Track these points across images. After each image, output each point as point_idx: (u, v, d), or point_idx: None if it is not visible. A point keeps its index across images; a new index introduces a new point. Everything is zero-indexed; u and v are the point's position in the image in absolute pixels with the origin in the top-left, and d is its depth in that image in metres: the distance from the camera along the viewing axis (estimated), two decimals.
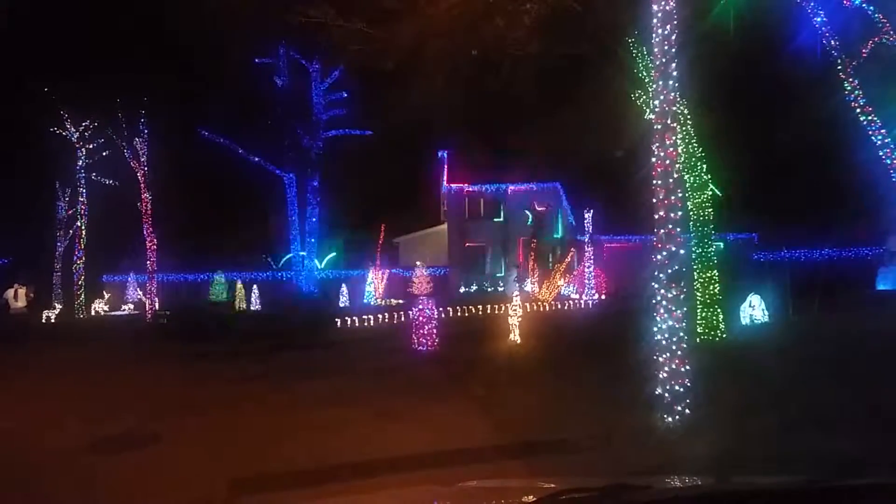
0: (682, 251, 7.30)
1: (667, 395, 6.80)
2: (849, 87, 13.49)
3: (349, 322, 19.41)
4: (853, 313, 16.94)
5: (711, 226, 13.71)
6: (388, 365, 12.03)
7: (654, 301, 7.08)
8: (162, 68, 25.01)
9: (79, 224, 26.46)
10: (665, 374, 6.85)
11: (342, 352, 14.56)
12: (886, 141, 13.36)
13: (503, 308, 17.86)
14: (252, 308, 28.21)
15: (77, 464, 6.47)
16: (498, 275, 32.27)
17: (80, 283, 26.05)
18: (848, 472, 4.26)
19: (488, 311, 21.54)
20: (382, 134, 31.12)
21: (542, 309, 22.91)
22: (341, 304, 27.71)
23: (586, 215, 27.12)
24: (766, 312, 15.86)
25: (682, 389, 6.77)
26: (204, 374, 11.80)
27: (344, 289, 28.83)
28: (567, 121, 25.28)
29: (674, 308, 6.91)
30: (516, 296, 15.00)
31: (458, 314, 21.25)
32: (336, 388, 9.91)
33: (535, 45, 13.74)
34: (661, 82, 7.21)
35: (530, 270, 28.97)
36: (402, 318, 19.53)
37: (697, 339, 12.11)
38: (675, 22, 7.14)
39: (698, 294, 13.16)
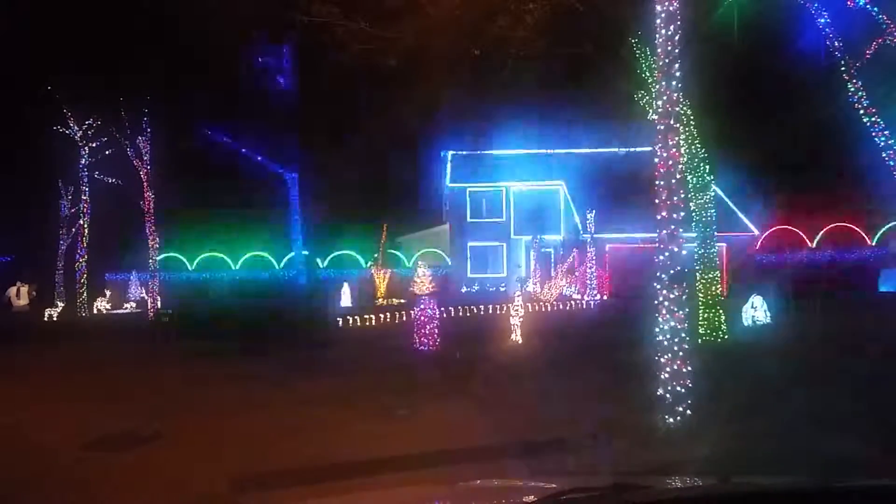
0: (684, 252, 7.29)
1: (668, 395, 6.79)
2: (852, 89, 13.45)
3: (350, 321, 19.42)
4: (855, 315, 16.93)
5: (714, 226, 13.70)
6: (390, 364, 12.03)
7: (656, 302, 7.08)
8: (164, 67, 25.01)
9: (81, 222, 26.47)
10: (666, 375, 6.84)
11: (343, 351, 14.56)
12: (890, 143, 13.32)
13: (505, 308, 17.85)
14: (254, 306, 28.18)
15: (78, 461, 6.48)
16: (500, 275, 32.27)
17: (82, 281, 26.06)
18: (848, 472, 4.25)
19: (490, 312, 21.53)
20: (385, 133, 31.12)
21: (543, 309, 22.89)
22: (343, 304, 27.68)
23: (588, 215, 27.10)
24: (768, 313, 15.85)
25: (683, 390, 6.77)
26: (205, 373, 11.81)
27: (346, 288, 28.80)
28: (569, 121, 25.30)
29: (676, 309, 6.91)
30: (518, 296, 15.00)
31: (460, 314, 21.24)
32: (337, 387, 9.91)
33: (538, 45, 13.72)
34: (664, 83, 7.21)
35: (532, 271, 28.95)
36: (404, 318, 19.53)
37: (699, 340, 12.10)
38: (679, 22, 7.14)
39: (700, 295, 13.15)
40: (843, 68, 13.49)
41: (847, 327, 14.81)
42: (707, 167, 13.65)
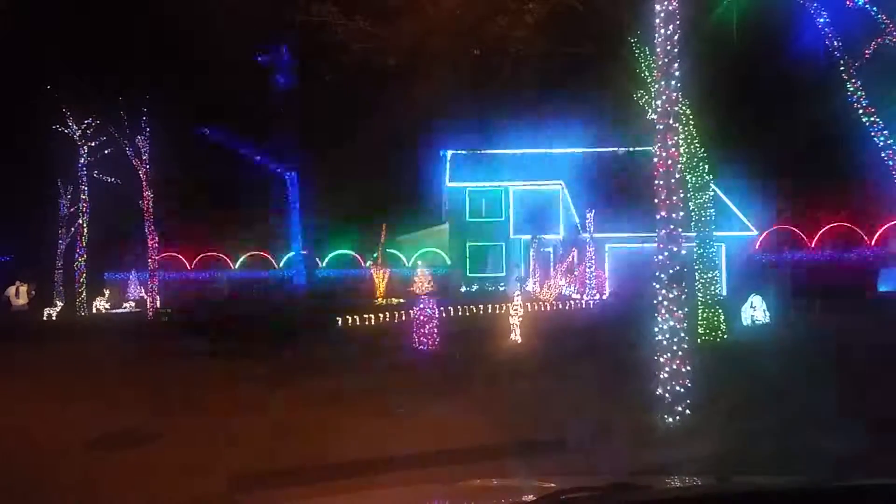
0: (683, 251, 7.30)
1: (667, 395, 6.80)
2: (851, 89, 13.46)
3: (350, 321, 19.42)
4: (854, 315, 16.94)
5: (713, 226, 13.71)
6: (389, 364, 12.03)
7: (655, 301, 7.08)
8: (163, 67, 24.99)
9: (80, 221, 26.44)
10: (666, 375, 6.85)
11: (343, 350, 14.55)
12: (889, 142, 13.32)
13: (504, 308, 17.85)
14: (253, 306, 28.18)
15: (78, 461, 6.48)
16: (499, 274, 32.28)
17: (81, 280, 26.03)
18: (848, 472, 4.26)
19: (489, 311, 21.53)
20: (384, 133, 31.11)
21: (542, 309, 22.90)
22: (342, 303, 27.68)
23: (588, 215, 27.10)
24: (767, 313, 15.86)
25: (682, 390, 6.77)
26: (205, 372, 11.81)
27: (344, 288, 28.84)
28: (569, 120, 25.28)
29: (675, 308, 6.92)
30: (517, 295, 15.01)
31: (459, 314, 21.25)
32: (336, 387, 9.90)
33: (538, 45, 13.72)
34: (663, 82, 7.21)
35: (531, 270, 28.97)
36: (404, 318, 19.54)
37: (698, 340, 12.11)
38: (678, 22, 7.15)
39: (699, 294, 13.15)
40: (842, 68, 13.50)
41: (846, 327, 14.81)
42: (706, 167, 13.65)
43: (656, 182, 7.19)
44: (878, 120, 13.37)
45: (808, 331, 14.38)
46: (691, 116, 13.19)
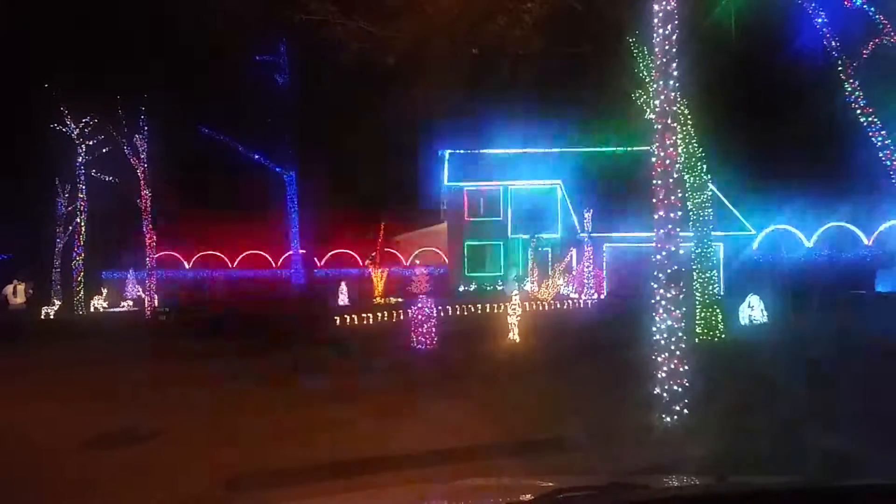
0: (681, 251, 7.30)
1: (665, 394, 6.80)
2: (849, 88, 13.48)
3: (348, 320, 19.41)
4: (852, 315, 16.96)
5: (711, 226, 13.72)
6: (387, 363, 12.02)
7: (653, 301, 7.09)
8: (162, 66, 24.97)
9: (78, 220, 26.38)
10: (664, 374, 6.85)
11: (341, 350, 14.55)
12: (887, 142, 13.35)
13: (502, 307, 17.85)
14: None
15: (76, 460, 6.47)
16: (497, 274, 32.29)
17: (79, 279, 25.98)
18: (847, 472, 4.27)
19: (487, 310, 21.53)
20: (383, 132, 31.12)
21: (541, 308, 22.91)
22: (340, 303, 27.67)
23: (586, 215, 27.11)
24: (765, 313, 15.87)
25: (680, 389, 6.78)
26: (202, 371, 11.78)
27: (343, 287, 28.79)
28: (567, 120, 25.30)
29: (673, 308, 6.92)
30: (515, 295, 15.00)
31: (458, 313, 21.25)
32: (334, 386, 9.91)
33: (536, 44, 13.73)
34: (661, 82, 7.21)
35: (529, 270, 28.98)
36: (402, 317, 19.53)
37: (696, 339, 12.11)
38: (676, 22, 7.15)
39: (697, 294, 13.16)
40: (840, 68, 13.52)
41: (844, 327, 14.83)
42: (704, 166, 13.67)
43: (654, 182, 7.19)
44: (875, 120, 13.39)
45: (806, 331, 14.39)
46: (689, 116, 13.20)
